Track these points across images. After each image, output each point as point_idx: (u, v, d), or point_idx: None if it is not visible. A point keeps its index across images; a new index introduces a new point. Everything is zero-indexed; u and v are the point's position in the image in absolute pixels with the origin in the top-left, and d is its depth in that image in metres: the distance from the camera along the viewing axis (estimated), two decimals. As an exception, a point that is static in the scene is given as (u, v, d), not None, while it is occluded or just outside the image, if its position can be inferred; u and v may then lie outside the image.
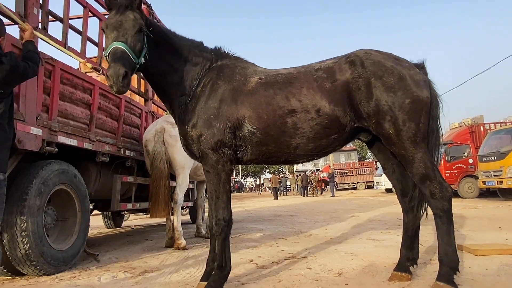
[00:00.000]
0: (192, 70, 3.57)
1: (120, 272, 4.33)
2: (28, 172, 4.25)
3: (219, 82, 3.47)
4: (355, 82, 3.28)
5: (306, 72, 3.48)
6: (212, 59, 3.65)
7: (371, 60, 3.32)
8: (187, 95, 3.52)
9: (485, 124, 19.15)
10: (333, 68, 3.42)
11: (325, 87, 3.34)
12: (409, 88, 3.24)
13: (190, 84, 3.54)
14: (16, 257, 4.03)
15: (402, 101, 3.20)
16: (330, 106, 3.30)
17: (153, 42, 3.34)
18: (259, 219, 11.02)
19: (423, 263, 4.18)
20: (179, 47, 3.58)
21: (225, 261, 3.38)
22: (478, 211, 10.48)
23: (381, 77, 3.24)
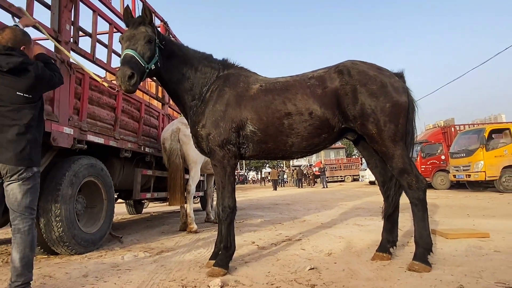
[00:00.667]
0: (201, 78, 3.59)
1: (141, 252, 4.33)
2: (62, 166, 4.26)
3: (225, 89, 3.49)
4: (343, 88, 3.29)
5: (301, 80, 3.50)
6: (219, 69, 3.68)
7: (356, 70, 3.33)
8: (198, 99, 3.55)
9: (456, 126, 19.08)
10: (324, 77, 3.43)
11: (317, 93, 3.36)
12: (389, 94, 3.25)
13: (200, 90, 3.56)
14: (51, 239, 4.05)
15: (384, 105, 3.21)
16: (321, 109, 3.31)
17: (167, 54, 3.43)
18: (260, 207, 11.01)
19: (402, 245, 4.17)
20: (191, 58, 3.61)
21: (230, 243, 3.40)
22: (449, 200, 10.45)
23: (365, 84, 3.25)
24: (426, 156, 17.13)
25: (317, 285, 2.85)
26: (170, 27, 7.78)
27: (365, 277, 3.01)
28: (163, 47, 3.36)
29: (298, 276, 3.13)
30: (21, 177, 2.62)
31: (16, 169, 2.59)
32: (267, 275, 3.19)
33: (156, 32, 3.30)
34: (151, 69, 3.21)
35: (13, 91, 2.59)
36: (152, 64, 3.21)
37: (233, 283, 2.98)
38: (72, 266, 3.76)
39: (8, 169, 2.57)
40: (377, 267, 3.30)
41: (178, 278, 3.20)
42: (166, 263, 3.80)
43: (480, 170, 12.74)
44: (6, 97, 2.58)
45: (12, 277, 2.59)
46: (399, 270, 3.18)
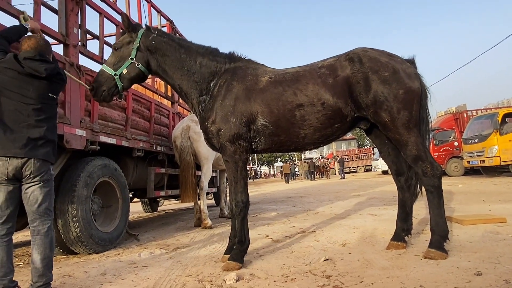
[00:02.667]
0: (207, 73, 3.54)
1: (157, 249, 4.36)
2: (76, 167, 4.30)
3: (233, 83, 3.44)
4: (354, 76, 3.21)
5: (311, 70, 3.41)
6: (226, 62, 3.61)
7: (368, 57, 3.25)
8: (206, 95, 3.50)
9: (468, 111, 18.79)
10: (335, 65, 3.35)
11: (328, 82, 3.27)
12: (402, 80, 3.16)
13: (207, 85, 3.52)
14: (69, 239, 4.10)
15: (396, 92, 3.13)
16: (333, 99, 3.23)
17: (162, 52, 3.50)
18: (273, 200, 11.00)
19: (417, 233, 4.11)
20: (194, 53, 3.59)
21: (244, 237, 3.39)
22: (464, 187, 10.28)
23: (377, 71, 3.16)
24: (439, 143, 16.88)
25: (332, 276, 2.83)
26: (176, 26, 7.78)
27: (381, 266, 2.97)
28: (155, 45, 3.46)
29: (313, 267, 3.11)
30: (43, 178, 2.68)
31: (42, 169, 2.65)
32: (282, 268, 3.17)
33: (139, 35, 3.42)
34: (122, 73, 3.37)
35: (46, 92, 2.75)
36: (124, 68, 3.37)
37: (248, 277, 2.97)
38: (91, 265, 3.81)
39: (33, 169, 2.61)
40: (392, 256, 3.26)
41: (194, 273, 3.21)
42: (182, 259, 3.82)
43: (494, 155, 12.48)
44: (39, 97, 2.71)
45: (33, 278, 2.63)
46: (415, 258, 3.13)
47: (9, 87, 2.62)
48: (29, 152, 2.60)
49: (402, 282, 2.54)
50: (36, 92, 2.69)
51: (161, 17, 7.33)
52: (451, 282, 2.46)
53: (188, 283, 2.93)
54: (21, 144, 2.57)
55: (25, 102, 2.64)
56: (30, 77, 2.67)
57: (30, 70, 2.65)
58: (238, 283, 2.82)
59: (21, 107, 2.63)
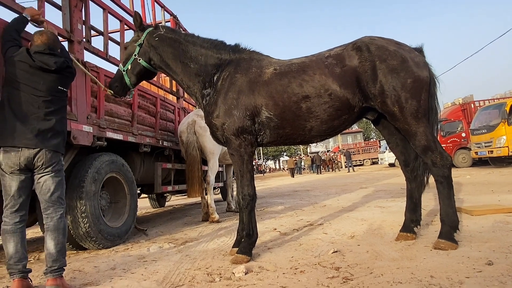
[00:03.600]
0: (210, 66, 3.55)
1: (165, 243, 4.38)
2: (84, 163, 4.32)
3: (236, 75, 3.41)
4: (362, 66, 3.15)
5: (317, 60, 3.35)
6: (230, 54, 3.59)
7: (375, 45, 3.19)
8: (210, 88, 3.51)
9: (475, 102, 18.58)
10: (342, 55, 3.29)
11: (335, 72, 3.21)
12: (410, 69, 3.11)
13: (211, 78, 3.52)
14: (78, 235, 4.13)
15: (405, 80, 3.07)
16: (341, 89, 3.18)
17: (164, 47, 3.57)
18: (279, 194, 11.00)
19: (426, 224, 4.08)
20: (197, 47, 3.61)
21: (252, 230, 3.40)
22: (472, 178, 10.19)
23: (385, 60, 3.11)
24: (446, 134, 16.76)
25: (341, 267, 2.82)
26: (180, 21, 7.75)
27: (390, 257, 2.96)
28: (158, 41, 3.56)
29: (322, 259, 3.10)
30: (55, 169, 2.79)
31: (53, 160, 2.76)
32: (290, 260, 3.17)
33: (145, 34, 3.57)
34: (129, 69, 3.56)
35: (56, 85, 2.85)
36: (129, 64, 3.56)
37: (257, 269, 2.97)
38: (100, 259, 3.84)
39: (45, 160, 2.71)
40: (401, 247, 3.24)
41: (203, 266, 3.22)
42: (191, 252, 3.83)
43: (502, 145, 12.36)
44: (49, 90, 2.81)
45: (47, 263, 2.72)
46: (424, 249, 3.11)
47: (21, 79, 2.73)
48: (40, 143, 2.69)
49: (412, 273, 2.52)
50: (46, 85, 2.79)
51: (164, 12, 7.31)
52: (462, 272, 2.43)
53: (197, 276, 2.94)
54: (32, 135, 2.67)
55: (35, 94, 2.74)
56: (41, 70, 2.77)
57: (40, 64, 2.75)
58: (247, 276, 2.82)
59: (32, 99, 2.73)
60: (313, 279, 2.61)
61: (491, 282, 2.22)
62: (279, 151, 63.42)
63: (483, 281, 2.24)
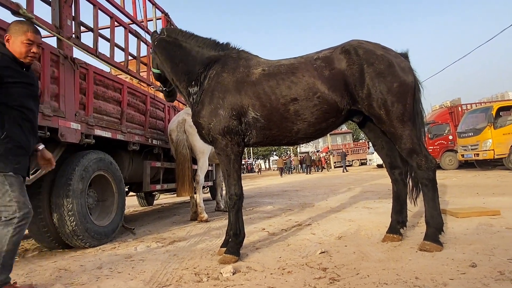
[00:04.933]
0: (198, 64, 3.55)
1: (153, 243, 4.36)
2: (71, 161, 4.27)
3: (223, 75, 3.40)
4: (350, 69, 3.18)
5: (306, 62, 3.36)
6: (219, 53, 3.60)
7: (363, 49, 3.22)
8: (196, 86, 3.53)
9: (463, 105, 18.85)
10: (330, 57, 3.30)
11: (324, 75, 3.23)
12: (396, 73, 3.15)
13: (198, 77, 3.53)
14: (65, 233, 4.09)
15: (391, 85, 3.12)
16: (330, 92, 3.20)
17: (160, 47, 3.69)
18: (269, 194, 11.02)
19: (412, 226, 4.13)
20: (183, 45, 3.64)
21: (239, 229, 3.40)
22: (458, 180, 10.36)
23: (372, 63, 3.14)
24: (434, 137, 16.97)
25: (328, 268, 2.84)
26: (171, 19, 7.71)
27: (376, 258, 2.99)
28: (157, 45, 3.68)
29: (309, 260, 3.12)
30: None
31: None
32: (278, 260, 3.18)
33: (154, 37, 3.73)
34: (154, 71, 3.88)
35: None
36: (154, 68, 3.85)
37: (245, 269, 2.98)
38: (87, 258, 3.80)
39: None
40: (388, 249, 3.28)
41: (190, 266, 3.21)
42: (179, 252, 3.82)
43: (488, 148, 12.57)
44: None
45: None
46: (410, 250, 3.15)
47: None
48: None
49: (397, 274, 2.55)
50: None
51: (156, 10, 7.26)
52: (446, 274, 2.48)
53: (185, 276, 2.93)
54: None
55: None
56: None
57: None
58: (235, 276, 2.83)
59: None
60: (300, 279, 2.63)
61: (474, 284, 2.27)
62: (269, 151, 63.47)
63: (467, 283, 2.29)
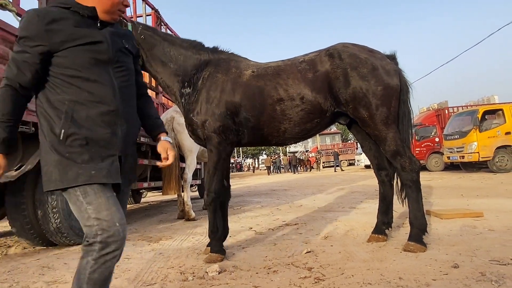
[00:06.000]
0: (190, 66, 3.55)
1: (139, 241, 4.33)
2: (56, 158, 4.20)
3: (217, 75, 3.45)
4: (334, 72, 3.25)
5: (292, 65, 3.45)
6: (209, 56, 3.61)
7: (347, 53, 3.29)
8: (189, 87, 3.50)
9: (449, 108, 19.13)
10: (315, 61, 3.38)
11: (308, 77, 3.32)
12: (380, 77, 3.21)
13: (190, 78, 3.52)
14: (49, 230, 4.02)
15: (375, 88, 3.18)
16: (312, 94, 3.28)
17: (148, 46, 3.50)
18: (257, 193, 11.03)
19: (397, 226, 4.19)
20: (177, 47, 3.59)
21: (216, 227, 3.39)
22: (444, 182, 10.52)
23: (356, 67, 3.21)
24: (421, 138, 17.21)
25: (313, 267, 2.86)
26: (161, 15, 7.63)
27: (361, 258, 3.02)
28: (144, 40, 3.47)
29: (295, 259, 3.13)
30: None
31: None
32: (264, 260, 3.19)
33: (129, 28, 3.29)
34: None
35: None
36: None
37: (231, 268, 2.98)
38: (71, 256, 3.75)
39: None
40: (373, 249, 3.31)
41: (176, 265, 3.20)
42: (164, 251, 3.80)
43: (473, 151, 12.80)
44: None
45: None
46: (394, 251, 3.19)
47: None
48: None
49: (381, 274, 2.58)
50: None
51: (145, 6, 7.18)
52: (429, 275, 2.52)
53: (170, 275, 2.92)
54: None
55: None
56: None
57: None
58: (221, 275, 2.83)
59: None
60: (286, 279, 2.64)
61: (456, 285, 2.31)
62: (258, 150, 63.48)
63: (449, 284, 2.33)
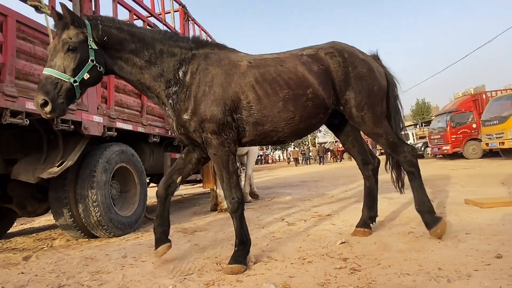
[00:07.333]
0: (172, 61, 3.05)
1: (175, 233, 4.44)
2: (95, 154, 4.38)
3: (209, 68, 3.04)
4: (336, 70, 3.24)
5: (293, 56, 3.26)
6: (191, 47, 3.16)
7: (348, 52, 3.35)
8: (175, 85, 3.03)
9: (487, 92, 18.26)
10: (317, 55, 3.28)
11: (313, 70, 3.18)
12: (376, 77, 3.38)
13: (175, 74, 3.03)
14: (90, 223, 4.22)
15: (372, 87, 3.28)
16: (320, 87, 3.14)
17: (117, 45, 2.90)
18: (287, 185, 11.02)
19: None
20: (151, 41, 3.04)
21: (246, 236, 3.00)
22: (482, 169, 10.09)
23: (356, 67, 3.28)
24: (457, 125, 16.58)
25: (349, 258, 2.84)
26: (189, 11, 7.71)
27: (398, 249, 2.97)
28: (108, 39, 2.85)
29: (330, 250, 3.12)
30: None
31: None
32: (298, 251, 3.20)
33: (89, 30, 2.75)
34: (84, 79, 2.70)
35: None
36: (85, 72, 2.70)
37: (266, 259, 3.01)
38: (112, 248, 3.91)
39: None
40: (409, 239, 3.25)
41: (212, 256, 3.27)
42: (200, 242, 3.89)
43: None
44: None
45: None
46: (432, 241, 3.11)
47: None
48: None
49: (420, 265, 2.53)
50: None
51: (173, 2, 7.28)
52: (470, 265, 2.44)
53: (207, 265, 2.99)
54: None
55: None
56: None
57: None
58: (256, 266, 2.87)
59: None
60: (321, 269, 2.64)
61: (500, 275, 2.22)
62: (287, 141, 63.07)
63: (492, 274, 2.25)
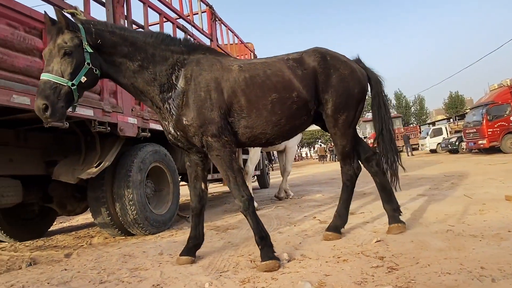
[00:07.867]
0: (164, 65, 3.05)
1: (208, 230, 4.51)
2: (130, 154, 4.52)
3: (203, 73, 3.07)
4: (319, 73, 3.28)
5: (280, 61, 3.33)
6: (183, 51, 3.16)
7: (330, 55, 3.41)
8: (170, 90, 3.03)
9: (526, 83, 17.34)
10: (301, 59, 3.35)
11: (298, 74, 3.26)
12: (358, 79, 3.41)
13: (168, 79, 3.04)
14: (127, 221, 4.36)
15: (353, 90, 3.35)
16: (304, 90, 3.22)
17: (110, 49, 2.89)
18: (316, 182, 10.94)
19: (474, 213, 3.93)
20: (143, 45, 3.02)
21: (264, 231, 3.01)
22: (523, 164, 9.62)
23: (338, 69, 3.34)
24: (493, 118, 15.87)
25: (385, 257, 2.79)
26: (216, 11, 7.78)
27: (436, 247, 2.89)
28: (102, 43, 2.84)
29: (365, 248, 3.08)
30: None
31: None
32: (332, 249, 3.17)
33: (83, 34, 2.74)
34: (81, 82, 2.70)
35: None
36: (82, 75, 2.70)
37: (299, 257, 3.01)
38: (148, 245, 4.03)
39: None
40: (448, 237, 3.14)
41: (245, 253, 3.30)
42: (233, 239, 3.94)
43: (557, 129, 11.54)
44: None
45: None
46: (473, 239, 3.00)
47: None
48: None
49: (461, 264, 2.45)
50: None
51: (200, 3, 7.36)
52: (516, 264, 2.34)
53: (241, 262, 3.03)
54: None
55: None
56: None
57: None
58: (290, 263, 2.87)
59: None
60: (357, 268, 2.61)
61: (549, 275, 2.12)
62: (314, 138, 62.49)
63: (540, 274, 2.15)
